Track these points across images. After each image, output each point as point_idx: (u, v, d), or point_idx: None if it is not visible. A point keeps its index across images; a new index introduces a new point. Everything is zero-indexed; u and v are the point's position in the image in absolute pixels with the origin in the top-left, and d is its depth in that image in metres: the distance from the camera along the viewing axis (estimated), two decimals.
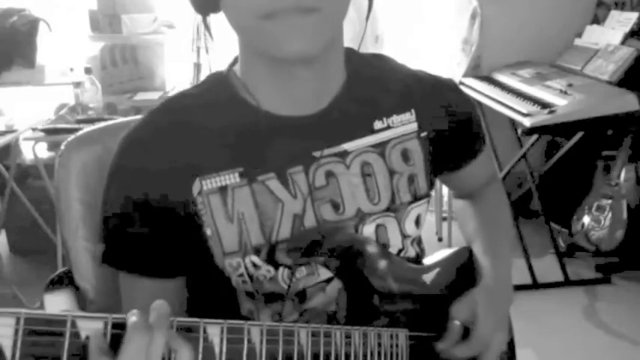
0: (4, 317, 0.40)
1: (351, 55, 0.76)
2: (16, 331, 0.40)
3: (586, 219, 2.48)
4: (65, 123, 2.23)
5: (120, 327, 0.46)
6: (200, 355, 0.49)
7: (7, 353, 0.40)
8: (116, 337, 0.45)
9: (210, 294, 0.74)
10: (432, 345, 0.73)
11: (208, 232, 0.69)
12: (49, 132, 2.16)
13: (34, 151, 2.27)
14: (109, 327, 0.45)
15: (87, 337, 0.44)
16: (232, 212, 0.69)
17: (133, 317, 0.47)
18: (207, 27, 0.69)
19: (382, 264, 0.72)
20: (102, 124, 0.95)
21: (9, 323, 0.40)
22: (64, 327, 0.43)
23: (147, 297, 0.54)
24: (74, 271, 0.87)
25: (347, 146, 0.73)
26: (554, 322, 2.19)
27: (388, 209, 0.75)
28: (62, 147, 0.88)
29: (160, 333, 0.47)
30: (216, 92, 0.72)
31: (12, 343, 0.40)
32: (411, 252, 0.80)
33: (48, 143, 2.43)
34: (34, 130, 2.20)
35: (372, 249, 0.72)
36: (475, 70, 2.77)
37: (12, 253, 2.70)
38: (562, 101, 2.19)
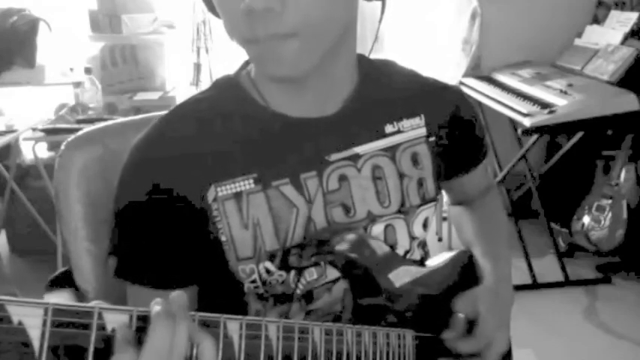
0: (32, 308, 0.40)
1: (361, 60, 0.76)
2: (45, 322, 0.40)
3: (586, 219, 2.48)
4: (65, 123, 2.24)
5: (144, 320, 0.46)
6: (220, 352, 0.49)
7: (35, 344, 0.40)
8: (141, 329, 0.45)
9: (219, 295, 0.73)
10: (436, 346, 0.73)
11: (223, 238, 0.68)
12: (49, 132, 2.16)
13: (34, 151, 2.27)
14: (134, 320, 0.45)
15: (113, 330, 0.44)
16: (247, 218, 0.68)
17: (156, 306, 0.46)
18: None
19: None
20: (102, 124, 0.94)
21: (37, 314, 0.40)
22: (91, 319, 0.43)
23: None
24: (75, 272, 0.87)
25: (359, 150, 0.73)
26: (554, 322, 2.19)
27: (398, 212, 0.76)
28: (62, 147, 0.88)
29: (183, 321, 0.46)
30: (227, 96, 0.72)
31: (40, 334, 0.40)
32: (417, 254, 0.81)
33: (48, 143, 2.44)
34: (34, 130, 2.20)
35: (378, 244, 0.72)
36: (475, 70, 2.76)
37: (12, 253, 2.69)
38: (562, 101, 2.19)
